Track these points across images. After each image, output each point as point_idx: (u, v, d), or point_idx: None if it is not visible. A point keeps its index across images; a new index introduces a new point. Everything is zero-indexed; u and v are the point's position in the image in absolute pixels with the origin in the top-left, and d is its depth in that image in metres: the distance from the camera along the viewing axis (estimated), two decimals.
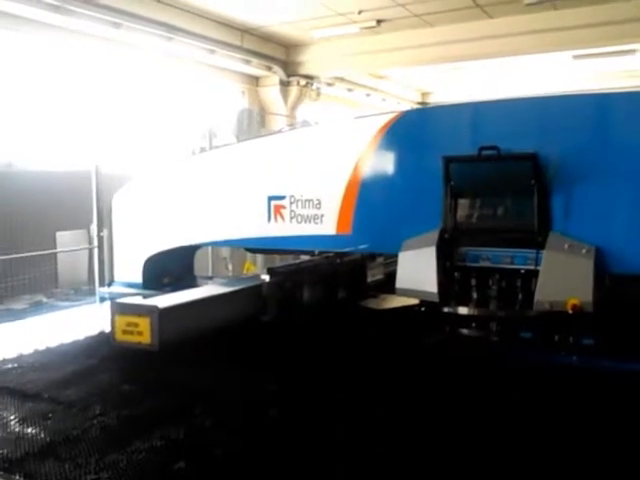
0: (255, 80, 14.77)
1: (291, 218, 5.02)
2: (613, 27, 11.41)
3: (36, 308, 9.20)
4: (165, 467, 2.55)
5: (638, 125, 3.93)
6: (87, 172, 9.13)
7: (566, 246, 3.88)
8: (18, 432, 2.95)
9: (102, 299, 6.28)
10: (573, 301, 3.71)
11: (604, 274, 3.95)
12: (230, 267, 10.55)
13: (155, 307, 4.02)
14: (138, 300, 4.48)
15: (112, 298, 5.08)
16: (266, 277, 5.07)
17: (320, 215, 4.89)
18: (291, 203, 5.02)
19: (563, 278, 3.84)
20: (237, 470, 2.52)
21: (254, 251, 7.31)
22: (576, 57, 14.05)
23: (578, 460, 2.57)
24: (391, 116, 4.76)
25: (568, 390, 3.40)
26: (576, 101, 4.28)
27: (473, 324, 4.24)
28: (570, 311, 3.72)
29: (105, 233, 7.83)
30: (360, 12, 11.66)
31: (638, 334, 4.03)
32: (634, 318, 4.16)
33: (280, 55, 14.29)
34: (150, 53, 11.65)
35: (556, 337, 4.01)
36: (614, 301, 4.15)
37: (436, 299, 4.15)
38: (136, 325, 4.00)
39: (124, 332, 4.06)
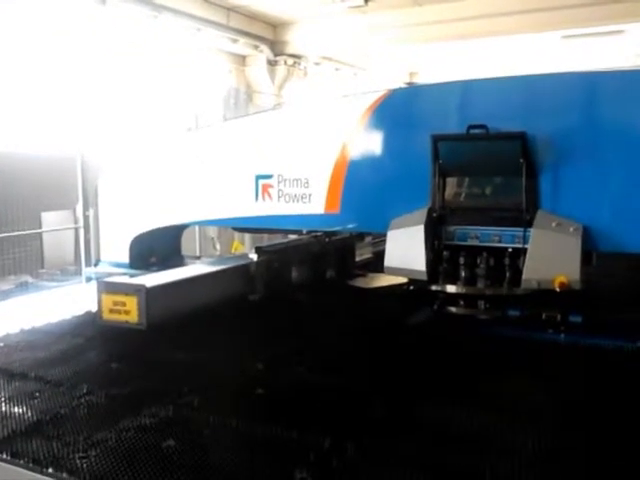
0: (242, 59, 14.63)
1: (279, 197, 4.99)
2: (601, 7, 11.39)
3: (22, 288, 9.14)
4: (154, 445, 2.54)
5: (627, 104, 3.94)
6: (72, 152, 9.04)
7: (554, 224, 3.88)
8: (4, 411, 2.93)
9: (88, 279, 6.24)
10: (561, 279, 3.73)
11: (592, 252, 3.97)
12: (218, 247, 10.54)
13: (142, 286, 3.99)
14: (125, 279, 4.46)
15: (98, 278, 5.05)
16: (254, 256, 5.06)
17: (308, 194, 4.86)
18: (279, 182, 4.99)
19: (551, 256, 3.85)
20: (226, 448, 2.51)
21: (242, 230, 7.29)
22: (565, 37, 14.03)
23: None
24: (379, 95, 4.72)
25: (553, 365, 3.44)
26: (565, 80, 4.27)
27: (461, 302, 4.26)
28: (558, 289, 3.74)
29: (91, 213, 7.77)
30: None
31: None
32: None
33: (267, 34, 14.15)
34: (136, 32, 11.49)
35: (544, 315, 4.05)
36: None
37: (425, 277, 4.15)
38: (123, 304, 3.98)
39: (111, 311, 4.04)
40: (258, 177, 5.07)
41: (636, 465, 2.33)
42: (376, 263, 5.51)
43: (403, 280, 4.64)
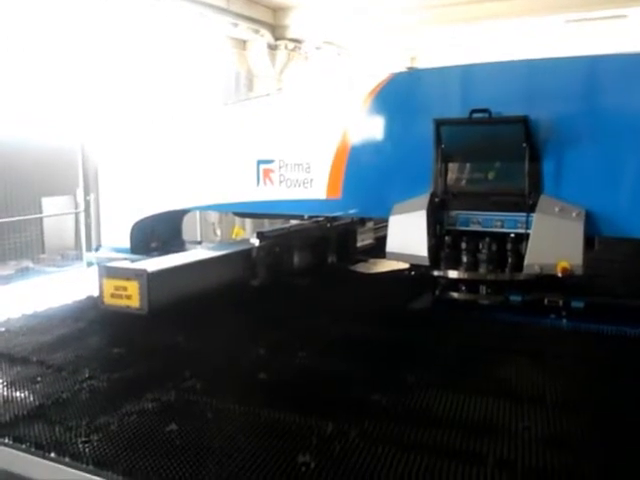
0: (242, 44, 14.53)
1: (280, 182, 4.97)
2: None
3: (23, 274, 9.14)
4: (156, 429, 2.54)
5: (629, 88, 3.91)
6: (73, 136, 8.99)
7: (556, 209, 3.87)
8: (7, 396, 2.93)
9: (89, 264, 6.23)
10: (563, 264, 3.72)
11: (594, 237, 3.96)
12: (218, 232, 10.52)
13: (144, 270, 3.99)
14: (126, 264, 4.45)
15: (99, 263, 5.04)
16: (255, 241, 5.05)
17: (310, 179, 4.84)
18: (280, 167, 4.96)
19: (553, 241, 3.84)
20: (228, 432, 2.51)
21: (243, 215, 7.27)
22: (568, 21, 13.94)
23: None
24: (381, 79, 4.69)
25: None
26: (567, 64, 4.23)
27: (463, 287, 4.26)
28: (560, 274, 3.73)
29: (92, 197, 7.75)
30: None
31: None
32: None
33: (267, 18, 14.04)
34: (136, 16, 11.40)
35: (546, 300, 4.05)
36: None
37: (426, 263, 4.15)
38: (125, 289, 3.97)
39: (112, 296, 4.04)
40: (259, 162, 5.05)
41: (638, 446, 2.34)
42: (378, 248, 5.50)
43: (405, 265, 4.63)
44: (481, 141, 4.12)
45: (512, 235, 4.06)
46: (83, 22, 10.80)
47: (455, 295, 4.31)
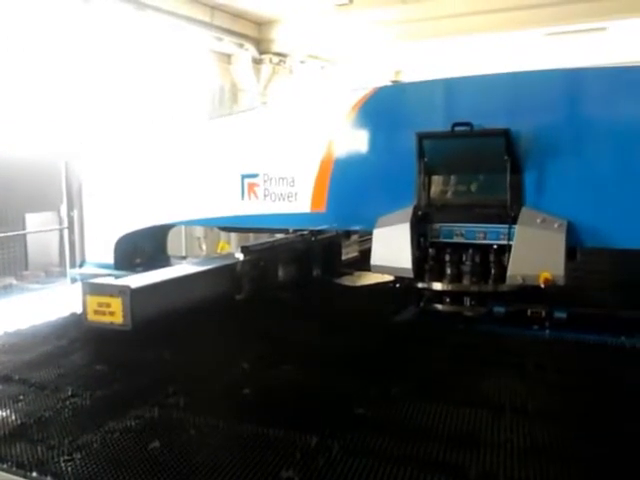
0: (227, 58, 14.57)
1: (265, 196, 4.98)
2: (584, 5, 11.46)
3: (6, 291, 9.06)
4: (140, 447, 2.52)
5: (609, 100, 3.97)
6: (57, 152, 8.96)
7: (538, 221, 3.91)
8: None
9: (73, 280, 6.20)
10: (545, 275, 3.75)
11: (576, 248, 4.00)
12: (204, 247, 10.49)
13: (127, 287, 3.97)
14: (110, 280, 4.43)
15: (83, 279, 5.01)
16: (240, 256, 5.04)
17: (294, 193, 4.86)
18: (265, 181, 4.98)
19: (535, 252, 3.88)
20: (212, 448, 2.50)
21: (228, 230, 7.26)
22: (548, 35, 14.10)
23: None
24: (364, 93, 4.73)
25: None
26: (548, 76, 4.29)
27: (447, 299, 4.27)
28: (542, 285, 3.76)
29: (75, 213, 7.71)
30: None
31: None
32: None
33: (252, 32, 14.09)
34: (119, 31, 11.41)
35: (529, 311, 4.07)
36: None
37: (411, 275, 4.17)
38: (108, 305, 3.95)
39: (96, 312, 4.01)
40: (244, 176, 5.06)
41: (620, 455, 2.36)
42: (362, 261, 5.52)
43: (389, 278, 4.64)
44: (463, 154, 4.16)
45: (495, 247, 4.09)
46: (66, 36, 10.79)
47: (439, 307, 4.33)
